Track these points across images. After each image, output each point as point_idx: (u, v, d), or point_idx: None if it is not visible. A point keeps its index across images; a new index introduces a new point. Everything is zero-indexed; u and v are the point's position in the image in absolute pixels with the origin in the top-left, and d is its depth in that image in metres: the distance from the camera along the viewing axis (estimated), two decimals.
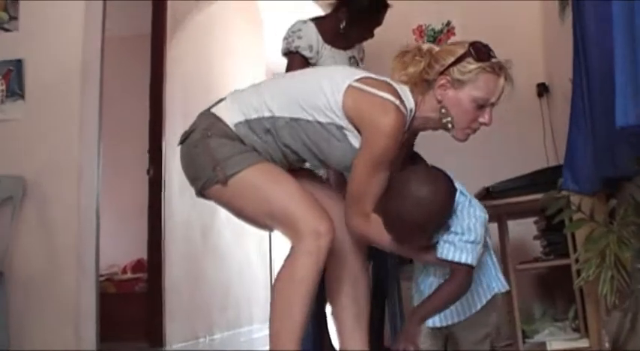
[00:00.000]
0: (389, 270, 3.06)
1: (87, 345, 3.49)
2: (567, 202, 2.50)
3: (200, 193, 2.06)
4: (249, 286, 6.41)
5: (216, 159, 1.97)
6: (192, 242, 5.23)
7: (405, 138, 2.03)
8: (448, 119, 1.97)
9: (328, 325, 2.93)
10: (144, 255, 4.90)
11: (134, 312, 4.68)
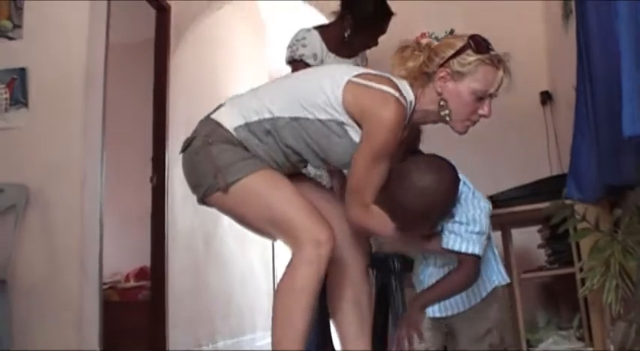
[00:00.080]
0: (392, 277, 3.05)
1: None
2: (572, 212, 2.50)
3: (202, 201, 2.05)
4: (251, 294, 6.41)
5: (217, 166, 1.96)
6: (195, 250, 5.23)
7: (406, 134, 2.03)
8: (446, 112, 1.98)
9: (331, 333, 2.92)
10: (147, 263, 4.88)
11: (137, 320, 4.66)
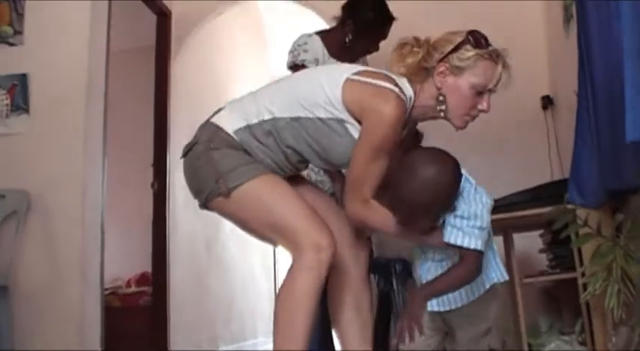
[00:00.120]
0: (393, 282, 3.05)
1: None
2: (574, 217, 2.49)
3: (204, 206, 2.06)
4: (253, 299, 6.40)
5: (219, 171, 1.96)
6: (196, 255, 5.23)
7: (405, 132, 2.03)
8: (442, 107, 1.98)
9: (333, 338, 2.92)
10: (148, 268, 4.89)
11: (138, 325, 4.66)
